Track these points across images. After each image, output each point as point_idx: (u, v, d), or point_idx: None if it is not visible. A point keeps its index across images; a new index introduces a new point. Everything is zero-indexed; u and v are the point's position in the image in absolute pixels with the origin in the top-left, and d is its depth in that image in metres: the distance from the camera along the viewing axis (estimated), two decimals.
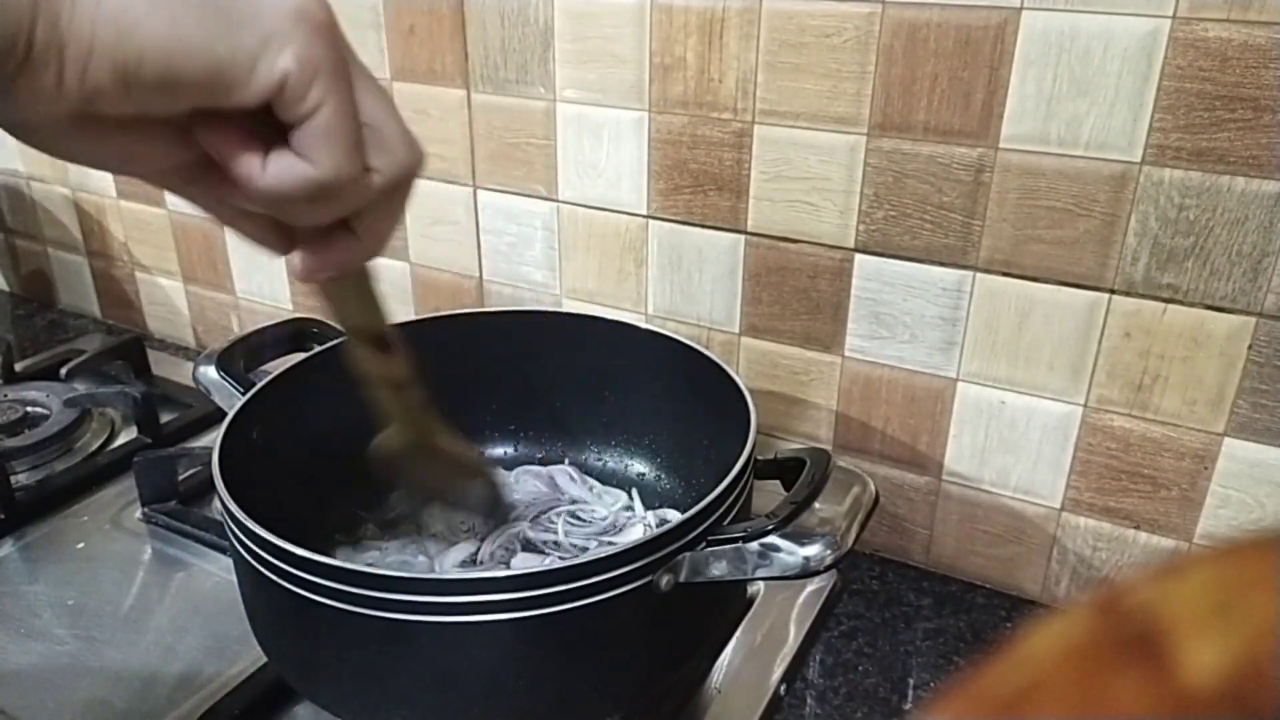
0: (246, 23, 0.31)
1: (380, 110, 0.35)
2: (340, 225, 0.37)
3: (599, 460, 0.82)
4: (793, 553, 0.52)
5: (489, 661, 0.52)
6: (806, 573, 0.53)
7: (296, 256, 0.38)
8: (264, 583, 0.53)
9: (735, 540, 0.53)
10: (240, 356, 0.73)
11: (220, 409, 0.68)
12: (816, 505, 0.55)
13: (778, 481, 0.62)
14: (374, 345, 0.48)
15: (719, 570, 0.54)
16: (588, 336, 0.79)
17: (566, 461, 0.81)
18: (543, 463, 0.82)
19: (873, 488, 0.58)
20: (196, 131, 0.34)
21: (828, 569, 0.53)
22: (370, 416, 0.77)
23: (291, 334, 0.79)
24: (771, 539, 0.53)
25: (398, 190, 0.37)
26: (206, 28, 0.30)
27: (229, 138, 0.33)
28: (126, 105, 0.31)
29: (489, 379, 0.82)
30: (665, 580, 0.52)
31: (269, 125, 0.33)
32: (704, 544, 0.54)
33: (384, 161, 0.36)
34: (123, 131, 0.33)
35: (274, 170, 0.33)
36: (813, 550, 0.52)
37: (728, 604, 0.67)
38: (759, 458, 0.62)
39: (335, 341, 0.75)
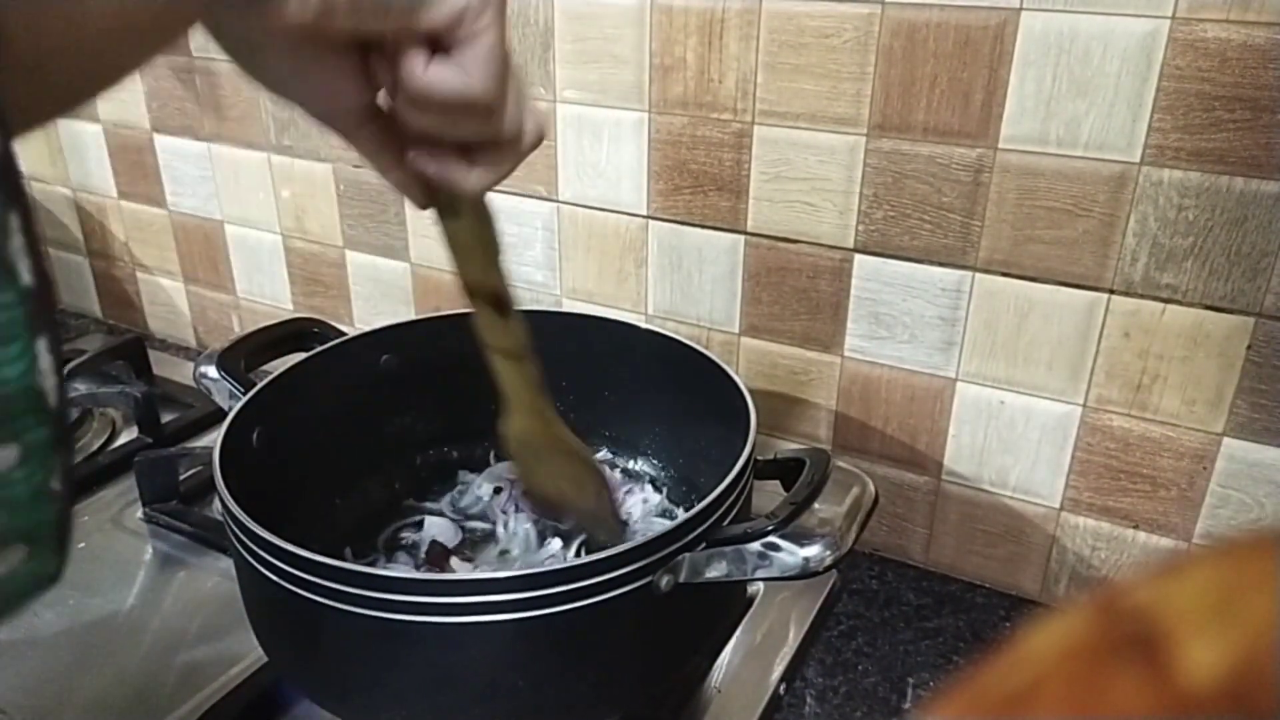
0: None
1: (514, 73, 0.42)
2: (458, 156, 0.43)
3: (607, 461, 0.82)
4: (792, 553, 0.52)
5: (489, 662, 0.52)
6: (806, 573, 0.53)
7: (418, 157, 0.43)
8: (264, 583, 0.53)
9: (735, 541, 0.54)
10: (241, 356, 0.73)
11: (221, 409, 0.68)
12: (816, 506, 0.55)
13: (777, 482, 0.62)
14: (493, 306, 0.51)
15: (719, 571, 0.54)
16: (588, 336, 0.79)
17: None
18: None
19: (872, 488, 0.58)
20: (376, 51, 0.40)
21: (827, 569, 0.53)
22: (373, 415, 0.77)
23: (292, 334, 0.79)
24: (771, 539, 0.53)
25: (514, 144, 0.43)
26: None
27: (406, 55, 0.39)
28: (348, 20, 0.37)
29: (489, 379, 0.82)
30: (665, 581, 0.52)
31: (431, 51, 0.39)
32: (704, 544, 0.54)
33: (517, 103, 0.42)
34: (324, 62, 0.39)
35: (435, 74, 0.39)
36: (812, 551, 0.52)
37: (727, 604, 0.67)
38: (759, 458, 0.62)
39: (336, 341, 0.75)
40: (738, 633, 0.69)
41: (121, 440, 0.94)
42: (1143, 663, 0.15)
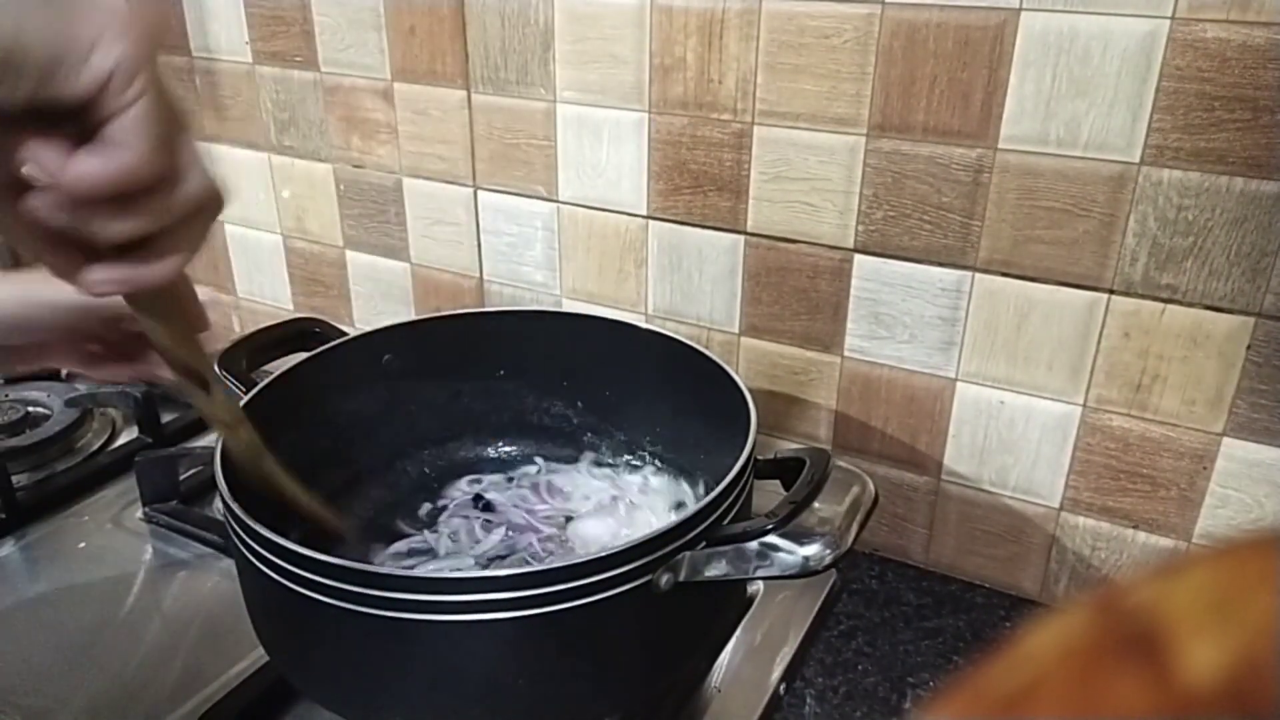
0: (84, 17, 0.33)
1: (186, 132, 0.38)
2: (138, 245, 0.38)
3: (598, 460, 0.82)
4: (792, 552, 0.52)
5: (490, 660, 0.53)
6: (806, 572, 0.53)
7: (93, 270, 0.39)
8: (266, 582, 0.53)
9: (735, 540, 0.54)
10: (242, 356, 0.73)
11: None
12: (816, 505, 0.55)
13: (777, 481, 0.62)
14: (195, 382, 0.49)
15: (718, 569, 0.54)
16: (587, 336, 0.79)
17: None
18: (543, 461, 0.82)
19: (872, 487, 0.58)
20: (14, 135, 0.35)
21: (827, 568, 0.53)
22: (374, 415, 0.77)
23: (293, 334, 0.79)
24: (771, 538, 0.53)
25: (199, 215, 0.39)
26: (49, 18, 0.33)
27: (45, 138, 0.35)
28: None
29: (488, 379, 0.82)
30: (665, 579, 0.52)
31: (77, 133, 0.35)
32: (703, 543, 0.54)
33: (190, 174, 0.37)
34: None
35: (82, 164, 0.34)
36: (812, 549, 0.52)
37: (727, 603, 0.67)
38: (758, 457, 0.62)
39: (337, 342, 0.75)
40: (738, 633, 0.69)
41: (122, 440, 0.94)
42: (1143, 663, 0.15)
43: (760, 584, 0.73)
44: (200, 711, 0.62)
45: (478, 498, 0.77)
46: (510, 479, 0.80)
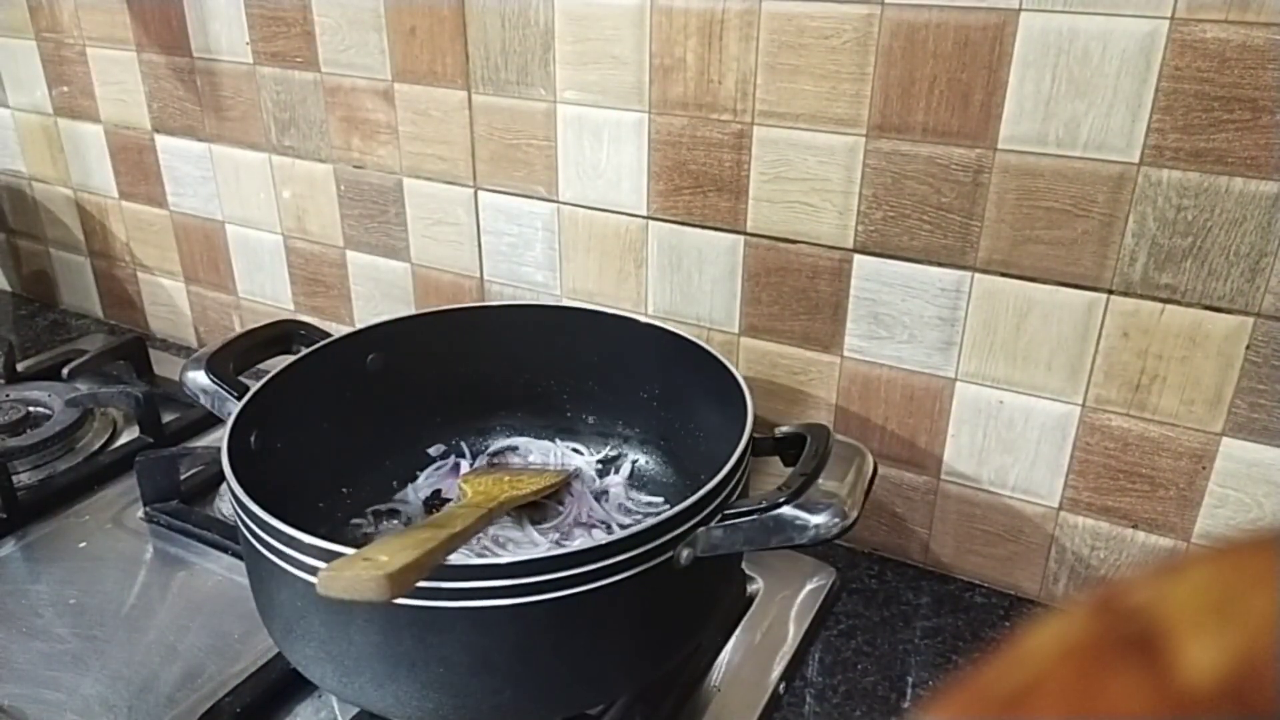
0: None
1: None
2: None
3: (596, 451, 0.82)
4: (805, 522, 0.55)
5: (517, 644, 0.53)
6: (817, 541, 0.55)
7: None
8: (277, 573, 0.53)
9: (751, 513, 0.56)
10: (229, 360, 0.73)
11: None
12: (820, 479, 0.57)
13: (776, 459, 0.64)
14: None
15: (735, 542, 0.56)
16: (587, 330, 0.79)
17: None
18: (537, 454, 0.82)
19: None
20: None
21: (835, 538, 0.55)
22: (362, 415, 0.77)
23: (279, 336, 0.79)
24: (785, 509, 0.55)
25: None
26: None
27: None
28: None
29: (490, 372, 0.82)
30: (685, 554, 0.55)
31: None
32: (720, 517, 0.56)
33: None
34: None
35: None
36: (822, 519, 0.55)
37: (732, 575, 0.68)
38: (757, 435, 0.63)
39: (322, 343, 0.75)
40: (738, 632, 0.69)
41: (122, 440, 0.94)
42: (1142, 663, 0.15)
43: (760, 583, 0.74)
44: (201, 710, 0.62)
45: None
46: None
